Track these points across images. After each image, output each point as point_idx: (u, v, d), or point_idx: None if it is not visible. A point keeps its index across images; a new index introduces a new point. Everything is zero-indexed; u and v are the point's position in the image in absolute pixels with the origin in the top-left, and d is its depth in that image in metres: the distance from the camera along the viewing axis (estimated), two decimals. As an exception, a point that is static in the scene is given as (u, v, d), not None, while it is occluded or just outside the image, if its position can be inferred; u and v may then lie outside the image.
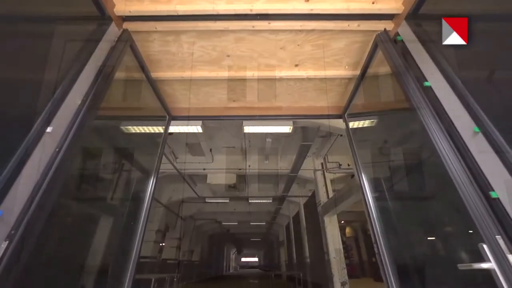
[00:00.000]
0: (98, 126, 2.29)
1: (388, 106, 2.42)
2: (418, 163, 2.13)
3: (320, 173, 8.12)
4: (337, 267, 6.52)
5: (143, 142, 2.87)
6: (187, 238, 15.00)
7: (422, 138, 1.92)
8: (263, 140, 7.20)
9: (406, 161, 2.34)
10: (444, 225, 2.03)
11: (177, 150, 8.24)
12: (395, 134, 2.49)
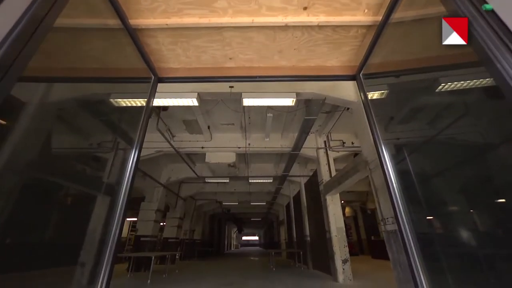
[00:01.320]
0: (68, 91, 1.93)
1: (419, 62, 2.01)
2: (464, 126, 1.77)
3: (323, 151, 7.82)
4: (339, 245, 6.44)
5: (125, 108, 2.49)
6: (188, 218, 15.15)
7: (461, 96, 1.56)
8: (264, 116, 6.81)
9: (443, 128, 1.99)
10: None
11: (173, 128, 7.89)
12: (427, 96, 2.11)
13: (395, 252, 3.65)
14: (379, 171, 4.16)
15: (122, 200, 1.77)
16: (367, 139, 4.48)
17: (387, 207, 3.88)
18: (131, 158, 1.95)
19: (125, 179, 1.85)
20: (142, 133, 2.16)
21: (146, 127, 2.25)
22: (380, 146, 2.11)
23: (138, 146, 2.05)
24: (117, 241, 1.65)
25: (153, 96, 2.41)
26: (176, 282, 6.45)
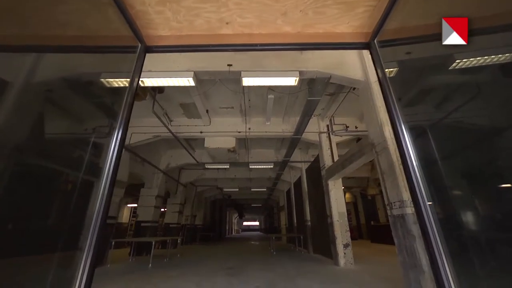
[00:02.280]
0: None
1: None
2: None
3: (325, 136, 7.59)
4: (340, 230, 6.37)
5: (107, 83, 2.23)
6: (189, 204, 15.21)
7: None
8: (264, 98, 6.51)
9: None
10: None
11: (171, 112, 7.61)
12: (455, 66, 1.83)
13: (401, 237, 3.51)
14: (386, 154, 3.95)
15: (105, 183, 1.55)
16: (374, 121, 4.24)
17: (394, 192, 3.70)
18: (115, 139, 1.72)
19: (108, 161, 1.63)
20: (127, 111, 1.89)
21: (131, 105, 1.99)
22: (398, 125, 1.85)
23: (123, 125, 1.80)
24: (101, 226, 1.45)
25: (139, 68, 2.13)
26: (177, 266, 6.45)
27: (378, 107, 4.15)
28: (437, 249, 1.41)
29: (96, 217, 1.47)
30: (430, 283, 3.05)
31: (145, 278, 4.96)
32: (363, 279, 4.53)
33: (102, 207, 1.50)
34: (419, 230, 3.15)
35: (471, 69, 1.80)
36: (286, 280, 4.54)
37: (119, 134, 1.76)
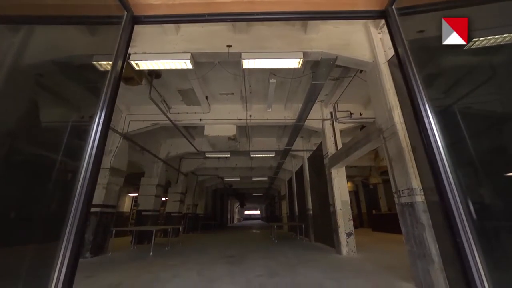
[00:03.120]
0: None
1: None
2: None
3: (329, 123, 7.35)
4: (343, 219, 6.26)
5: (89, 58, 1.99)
6: (190, 193, 15.21)
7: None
8: (266, 83, 6.24)
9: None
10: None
11: (169, 99, 7.37)
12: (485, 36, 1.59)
13: (409, 226, 3.36)
14: (394, 140, 3.74)
15: (86, 167, 1.37)
16: (382, 105, 4.00)
17: (402, 179, 3.52)
18: (97, 120, 1.51)
19: (89, 143, 1.43)
20: (112, 90, 1.67)
21: (117, 83, 1.77)
22: (421, 105, 1.61)
23: (106, 106, 1.59)
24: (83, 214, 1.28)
25: (126, 41, 1.89)
26: (178, 254, 6.42)
27: (387, 90, 3.90)
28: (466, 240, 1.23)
29: (77, 204, 1.29)
30: (440, 273, 2.92)
31: (145, 266, 4.91)
32: (366, 268, 4.44)
33: (83, 193, 1.31)
34: (429, 219, 2.99)
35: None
36: (288, 269, 4.47)
37: (102, 115, 1.55)
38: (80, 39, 1.98)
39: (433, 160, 1.45)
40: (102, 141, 1.47)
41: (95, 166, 1.39)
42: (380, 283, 3.46)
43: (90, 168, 1.37)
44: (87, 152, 1.42)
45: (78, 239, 1.25)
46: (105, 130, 1.51)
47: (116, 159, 6.96)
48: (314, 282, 3.56)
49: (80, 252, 1.31)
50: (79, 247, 1.27)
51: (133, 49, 4.31)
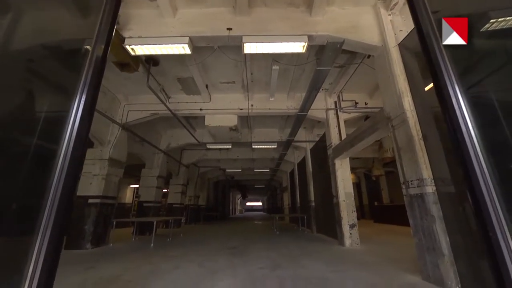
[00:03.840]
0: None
1: None
2: None
3: (333, 113, 7.13)
4: (347, 210, 6.15)
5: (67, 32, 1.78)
6: (192, 185, 15.20)
7: None
8: (268, 71, 6.01)
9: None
10: None
11: (168, 88, 7.16)
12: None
13: (418, 218, 3.22)
14: (404, 128, 3.54)
15: (65, 153, 1.20)
16: (391, 91, 3.78)
17: (411, 169, 3.35)
18: (76, 104, 1.33)
19: (68, 126, 1.26)
20: (94, 70, 1.46)
21: (103, 62, 1.56)
22: (449, 87, 1.39)
23: (87, 89, 1.39)
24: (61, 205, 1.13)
25: (112, 10, 1.68)
26: (179, 245, 6.38)
27: (397, 76, 3.67)
28: (501, 235, 1.07)
29: (54, 193, 1.14)
30: (450, 267, 2.79)
31: (146, 257, 4.85)
32: (370, 260, 4.34)
33: (61, 181, 1.16)
34: (440, 210, 2.83)
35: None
36: (290, 260, 4.38)
37: (83, 95, 1.36)
38: (59, 11, 1.78)
39: (462, 145, 1.26)
40: (84, 124, 1.30)
41: (77, 150, 1.23)
42: (385, 276, 3.35)
43: (70, 152, 1.20)
44: (66, 133, 1.25)
45: (57, 232, 1.10)
46: (87, 111, 1.34)
47: (115, 150, 6.83)
48: (317, 274, 3.46)
49: (60, 247, 1.17)
50: (59, 241, 1.13)
51: (128, 33, 4.09)
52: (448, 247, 2.85)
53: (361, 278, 3.26)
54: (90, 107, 1.42)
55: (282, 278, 3.30)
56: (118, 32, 3.99)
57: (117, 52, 4.14)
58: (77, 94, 1.36)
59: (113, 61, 4.46)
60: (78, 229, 5.98)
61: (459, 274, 2.76)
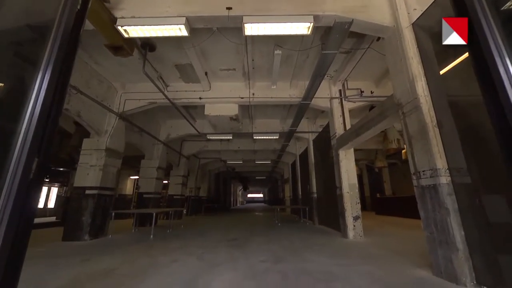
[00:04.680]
0: None
1: None
2: None
3: (337, 102, 6.86)
4: (351, 202, 5.98)
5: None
6: (193, 176, 15.10)
7: None
8: (270, 58, 5.72)
9: None
10: None
11: (166, 76, 6.88)
12: None
13: (430, 210, 3.02)
14: (417, 115, 3.30)
15: (22, 143, 0.99)
16: (403, 76, 3.52)
17: (424, 159, 3.13)
18: (37, 83, 1.10)
19: (26, 112, 1.04)
20: (61, 44, 1.22)
21: (75, 31, 1.31)
22: (499, 58, 1.13)
23: (52, 65, 1.15)
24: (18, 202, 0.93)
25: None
26: (179, 237, 6.28)
27: (409, 58, 3.40)
28: None
29: (13, 168, 0.94)
30: (465, 262, 2.62)
31: (145, 250, 4.73)
32: (376, 253, 4.20)
33: (20, 165, 0.95)
34: (455, 202, 2.61)
35: None
36: (293, 253, 4.24)
37: (46, 77, 1.13)
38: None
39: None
40: (45, 110, 1.07)
41: (34, 140, 1.01)
42: (393, 270, 3.19)
43: (29, 143, 0.99)
44: (24, 119, 1.03)
45: (16, 223, 0.91)
46: (51, 93, 1.11)
47: (113, 140, 6.64)
48: (322, 268, 3.31)
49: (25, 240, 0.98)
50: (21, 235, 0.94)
51: (120, 13, 3.81)
52: (463, 241, 2.67)
53: (368, 273, 3.10)
54: (61, 84, 1.19)
55: (284, 273, 3.15)
56: (109, 12, 3.71)
57: (109, 33, 3.87)
58: (40, 68, 1.13)
59: (105, 44, 4.19)
60: (76, 221, 5.87)
61: (475, 270, 2.59)
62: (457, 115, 3.00)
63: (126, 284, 2.81)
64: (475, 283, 2.56)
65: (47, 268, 3.49)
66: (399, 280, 2.86)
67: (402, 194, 13.66)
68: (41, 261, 3.85)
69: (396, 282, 2.80)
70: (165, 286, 2.77)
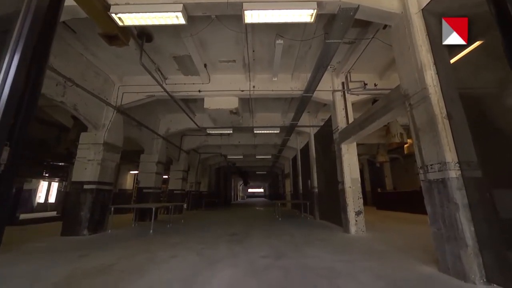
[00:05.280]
0: None
1: None
2: None
3: (340, 95, 6.69)
4: (353, 197, 5.88)
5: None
6: (193, 171, 15.02)
7: None
8: (271, 47, 5.53)
9: None
10: None
11: (164, 68, 6.70)
12: None
13: (438, 205, 2.91)
14: (425, 106, 3.14)
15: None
16: (410, 65, 3.36)
17: (432, 152, 3.00)
18: (4, 65, 0.96)
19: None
20: (33, 22, 1.07)
21: (51, 13, 1.16)
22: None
23: (23, 45, 1.01)
24: None
25: None
26: (179, 232, 6.22)
27: (418, 46, 3.23)
28: None
29: None
30: (474, 258, 2.51)
31: (144, 245, 4.66)
32: (379, 249, 4.11)
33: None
34: (465, 197, 2.49)
35: None
36: (294, 249, 4.16)
37: (15, 55, 0.99)
38: None
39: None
40: (13, 91, 0.94)
41: (6, 119, 0.89)
42: (398, 267, 3.10)
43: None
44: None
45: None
46: (23, 72, 0.97)
47: (110, 134, 6.51)
48: (324, 265, 3.22)
49: None
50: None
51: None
52: (472, 237, 2.56)
53: (372, 269, 3.01)
54: (36, 66, 1.05)
55: (286, 269, 3.06)
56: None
57: (102, 21, 3.70)
58: (8, 49, 0.98)
59: (99, 32, 4.02)
60: (74, 216, 5.80)
61: (484, 267, 2.49)
62: (468, 106, 2.86)
63: (124, 281, 2.73)
64: (484, 281, 2.47)
65: (44, 263, 3.41)
66: (405, 276, 2.77)
67: (403, 189, 13.60)
68: (38, 256, 3.78)
69: (402, 278, 2.71)
70: (164, 282, 2.69)
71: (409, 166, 14.78)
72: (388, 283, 2.57)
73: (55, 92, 5.11)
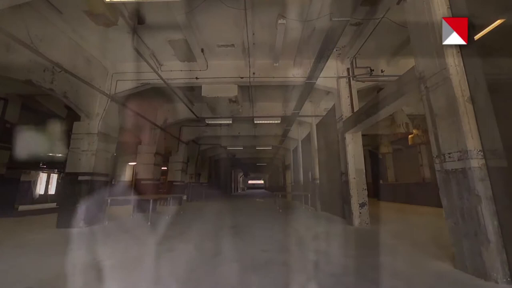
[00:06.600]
0: None
1: None
2: None
3: (345, 81, 6.35)
4: (357, 188, 5.66)
5: None
6: (193, 162, 14.82)
7: None
8: (272, 30, 5.16)
9: None
10: None
11: (159, 54, 6.34)
12: None
13: (456, 198, 2.66)
14: (444, 89, 2.81)
15: None
16: (428, 44, 3.03)
17: (451, 139, 2.72)
18: None
19: None
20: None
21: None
22: None
23: None
24: None
25: None
26: (177, 223, 6.05)
27: (437, 23, 2.90)
28: None
29: None
30: (497, 255, 2.28)
31: (140, 237, 4.48)
32: (387, 243, 3.90)
33: None
34: (489, 189, 2.23)
35: None
36: (297, 242, 3.96)
37: None
38: None
39: None
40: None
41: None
42: (411, 263, 2.89)
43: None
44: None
45: None
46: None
47: (105, 123, 6.23)
48: (330, 260, 3.01)
49: None
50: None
51: (99, -30, 3.26)
52: (495, 232, 2.32)
53: (384, 265, 2.80)
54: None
55: (289, 266, 2.85)
56: (85, -31, 3.17)
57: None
58: None
59: (85, 10, 3.68)
60: (69, 207, 5.59)
61: (509, 265, 2.26)
62: (494, 89, 2.56)
63: (113, 277, 2.52)
64: (508, 280, 2.25)
65: (33, 257, 3.21)
66: (420, 274, 2.55)
67: (406, 181, 13.42)
68: (29, 250, 3.58)
69: (417, 276, 2.49)
70: (156, 280, 2.48)
71: (412, 157, 14.52)
72: (404, 282, 2.35)
73: (43, 78, 4.80)
